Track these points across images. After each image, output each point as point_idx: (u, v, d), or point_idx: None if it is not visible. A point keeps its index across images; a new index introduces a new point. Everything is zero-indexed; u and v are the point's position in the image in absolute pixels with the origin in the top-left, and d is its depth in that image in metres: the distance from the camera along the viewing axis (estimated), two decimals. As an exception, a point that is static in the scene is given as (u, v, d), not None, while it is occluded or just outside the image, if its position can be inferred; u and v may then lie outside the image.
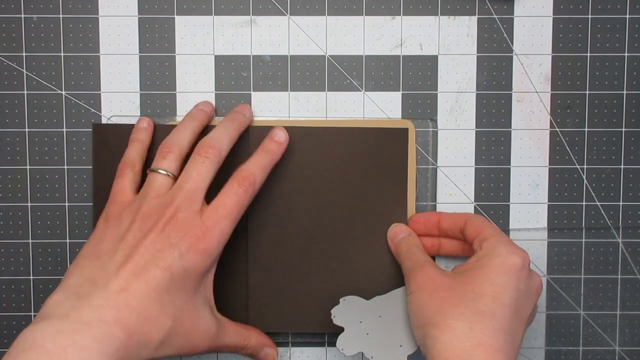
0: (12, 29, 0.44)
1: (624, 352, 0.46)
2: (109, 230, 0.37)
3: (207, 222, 0.37)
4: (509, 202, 0.45)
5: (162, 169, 0.39)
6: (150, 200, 0.38)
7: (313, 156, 0.43)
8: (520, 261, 0.37)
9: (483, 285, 0.36)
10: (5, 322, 0.45)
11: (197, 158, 0.38)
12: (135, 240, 0.36)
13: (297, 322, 0.44)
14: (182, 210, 0.37)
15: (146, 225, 0.37)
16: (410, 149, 0.44)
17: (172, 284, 0.36)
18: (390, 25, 0.44)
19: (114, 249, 0.36)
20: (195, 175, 0.38)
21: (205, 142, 0.39)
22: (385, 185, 0.44)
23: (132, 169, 0.41)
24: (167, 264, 0.35)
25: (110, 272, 0.35)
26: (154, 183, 0.39)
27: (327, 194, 0.44)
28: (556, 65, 0.45)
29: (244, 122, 0.42)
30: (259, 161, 0.40)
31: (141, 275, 0.35)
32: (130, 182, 0.40)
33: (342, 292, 0.43)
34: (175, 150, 0.39)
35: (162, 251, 0.36)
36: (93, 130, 0.44)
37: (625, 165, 0.45)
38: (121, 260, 0.35)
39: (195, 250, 0.36)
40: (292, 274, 0.44)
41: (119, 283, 0.34)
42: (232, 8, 0.44)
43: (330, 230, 0.44)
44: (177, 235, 0.36)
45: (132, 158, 0.41)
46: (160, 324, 0.35)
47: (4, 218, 0.45)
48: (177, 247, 0.36)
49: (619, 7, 0.44)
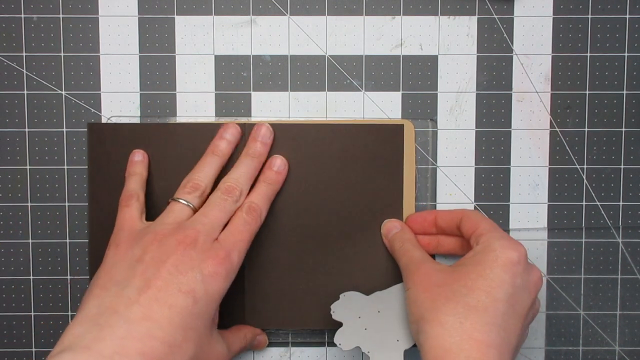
0: (12, 29, 0.44)
1: (624, 352, 0.46)
2: (122, 255, 0.37)
3: (226, 246, 0.37)
4: (509, 202, 0.45)
5: (185, 199, 0.39)
6: (169, 224, 0.38)
7: (309, 153, 0.43)
8: (516, 255, 0.37)
9: (477, 280, 0.36)
10: (5, 322, 0.45)
11: (220, 196, 0.39)
12: (154, 262, 0.35)
13: (293, 319, 0.44)
14: (202, 235, 0.37)
15: (165, 247, 0.36)
16: (409, 148, 0.44)
17: (195, 308, 0.35)
18: (390, 25, 0.44)
19: (132, 274, 0.35)
20: (217, 212, 0.38)
21: (228, 184, 0.40)
22: (382, 182, 0.44)
23: (137, 199, 0.40)
24: (190, 287, 0.35)
25: (131, 298, 0.34)
26: (174, 209, 0.39)
27: (324, 191, 0.44)
28: (556, 65, 0.45)
29: (264, 153, 0.42)
30: (262, 192, 0.41)
31: (164, 301, 0.34)
32: (137, 211, 0.40)
33: (339, 289, 0.43)
34: (200, 188, 0.40)
35: (185, 274, 0.35)
36: (88, 130, 0.44)
37: (625, 165, 0.45)
38: (141, 284, 0.35)
39: (217, 274, 0.36)
40: (288, 271, 0.44)
41: (141, 310, 0.34)
42: (232, 8, 0.44)
43: (326, 227, 0.44)
44: (199, 258, 0.36)
45: (134, 189, 0.41)
46: (183, 350, 0.34)
47: (4, 218, 0.45)
48: (200, 271, 0.36)
49: (619, 7, 0.44)
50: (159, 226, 0.37)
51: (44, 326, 0.45)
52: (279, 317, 0.44)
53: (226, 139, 0.42)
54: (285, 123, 0.44)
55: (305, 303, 0.44)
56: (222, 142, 0.42)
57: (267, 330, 0.45)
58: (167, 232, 0.37)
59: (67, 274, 0.45)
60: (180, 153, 0.43)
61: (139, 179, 0.42)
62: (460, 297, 0.35)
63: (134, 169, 0.42)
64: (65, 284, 0.45)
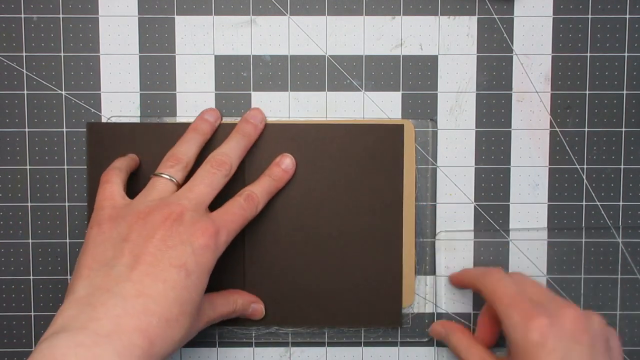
0: (12, 29, 0.44)
1: (624, 352, 0.46)
2: (106, 234, 0.36)
3: (217, 222, 0.37)
4: (509, 202, 0.45)
5: (167, 174, 0.38)
6: (152, 200, 0.37)
7: (309, 153, 0.43)
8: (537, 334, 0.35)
9: None
10: (5, 322, 0.45)
11: (208, 169, 0.38)
12: (142, 240, 0.35)
13: (293, 318, 0.44)
14: (189, 210, 0.36)
15: (151, 224, 0.35)
16: (409, 148, 0.44)
17: (187, 281, 0.35)
18: (390, 25, 0.44)
19: (119, 253, 0.34)
20: (203, 186, 0.38)
21: (217, 156, 0.39)
22: (381, 182, 0.44)
23: (118, 175, 0.39)
24: (181, 261, 0.35)
25: (122, 276, 0.34)
26: (157, 185, 0.38)
27: (323, 191, 0.44)
28: (556, 65, 0.45)
29: (254, 135, 0.42)
30: (264, 185, 0.41)
31: (156, 276, 0.34)
32: (119, 186, 0.39)
33: (338, 288, 0.43)
34: (182, 161, 0.39)
35: (174, 248, 0.35)
36: (87, 129, 0.44)
37: (625, 165, 0.45)
38: (130, 262, 0.34)
39: (207, 246, 0.36)
40: (288, 270, 0.44)
41: (134, 287, 0.33)
42: (232, 8, 0.44)
43: (326, 226, 0.44)
44: (188, 232, 0.35)
45: (117, 166, 0.40)
46: (180, 323, 0.34)
47: (4, 218, 0.45)
48: (190, 244, 0.35)
49: (619, 7, 0.44)
50: (142, 203, 0.37)
51: (44, 326, 0.45)
52: (277, 316, 0.44)
53: (207, 120, 0.42)
54: (285, 123, 0.44)
55: (304, 302, 0.44)
56: (203, 122, 0.42)
57: (266, 330, 0.45)
58: (151, 208, 0.36)
59: (67, 274, 0.45)
60: None
61: (124, 161, 0.41)
62: None
63: (124, 157, 0.42)
64: (65, 284, 0.45)
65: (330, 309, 0.44)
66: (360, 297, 0.44)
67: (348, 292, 0.44)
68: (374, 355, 0.45)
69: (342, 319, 0.44)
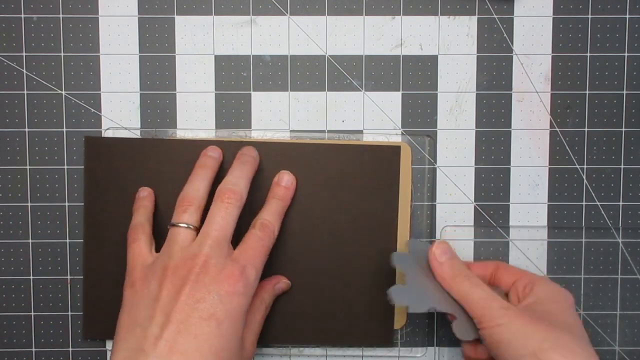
0: (12, 29, 0.44)
1: (624, 352, 0.46)
2: (139, 295, 0.37)
3: (241, 262, 0.37)
4: (509, 202, 0.45)
5: (183, 222, 0.38)
6: (176, 254, 0.37)
7: (305, 172, 0.43)
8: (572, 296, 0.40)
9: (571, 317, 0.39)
10: (5, 322, 0.45)
11: (220, 204, 0.38)
12: (171, 297, 0.35)
13: (286, 336, 0.44)
14: (212, 257, 0.36)
15: (178, 279, 0.36)
16: (405, 169, 0.44)
17: (220, 330, 0.35)
18: (390, 25, 0.44)
19: (152, 312, 0.35)
20: (221, 220, 0.37)
21: (225, 188, 0.39)
22: (377, 203, 0.44)
23: (143, 231, 0.40)
24: (210, 312, 0.35)
25: (156, 335, 0.34)
26: (177, 237, 0.38)
27: (318, 210, 0.43)
28: (556, 65, 0.45)
29: (255, 164, 0.42)
30: (273, 208, 0.41)
31: (188, 332, 0.34)
32: (146, 244, 0.39)
33: (334, 307, 0.44)
34: (194, 202, 0.39)
35: (203, 300, 0.35)
36: (85, 143, 0.44)
37: (625, 165, 0.45)
38: (162, 320, 0.35)
39: (234, 292, 0.36)
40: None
41: (167, 345, 0.34)
42: (232, 8, 0.44)
43: (320, 245, 0.44)
44: (214, 280, 0.36)
45: (140, 222, 0.41)
46: None
47: (4, 218, 0.45)
48: (217, 293, 0.35)
49: (619, 7, 0.44)
50: (167, 258, 0.37)
51: (44, 326, 0.45)
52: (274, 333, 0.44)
53: (211, 156, 0.42)
54: (283, 142, 0.43)
55: (300, 320, 0.44)
56: (207, 158, 0.42)
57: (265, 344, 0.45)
58: (176, 263, 0.36)
59: (67, 274, 0.45)
60: (178, 168, 0.43)
61: (144, 211, 0.42)
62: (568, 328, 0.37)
63: (140, 203, 0.42)
64: (65, 284, 0.45)
65: (324, 327, 0.44)
66: (353, 317, 0.44)
67: (341, 311, 0.44)
68: (374, 355, 0.45)
69: (334, 337, 0.44)
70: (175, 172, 0.43)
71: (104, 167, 0.43)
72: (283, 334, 0.44)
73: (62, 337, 0.45)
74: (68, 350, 0.45)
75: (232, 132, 0.44)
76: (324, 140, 0.44)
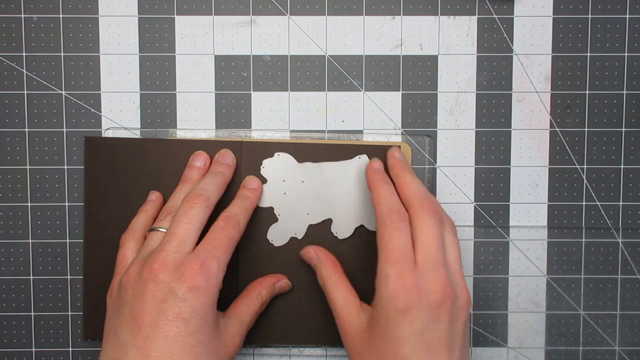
0: (12, 29, 0.44)
1: (624, 352, 0.46)
2: (115, 302, 0.37)
3: (200, 255, 0.36)
4: (509, 202, 0.45)
5: (160, 227, 0.39)
6: (143, 256, 0.37)
7: None
8: (403, 303, 0.36)
9: (384, 347, 0.36)
10: (5, 322, 0.45)
11: (186, 204, 0.38)
12: (136, 300, 0.35)
13: (289, 336, 0.44)
14: (171, 253, 0.36)
15: (142, 281, 0.36)
16: None
17: (189, 328, 0.35)
18: (390, 25, 0.44)
19: (122, 319, 0.35)
20: (185, 219, 0.37)
21: (193, 192, 0.39)
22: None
23: (132, 237, 0.40)
24: (175, 312, 0.35)
25: (128, 343, 0.34)
26: (149, 240, 0.38)
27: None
28: (556, 65, 0.45)
29: (228, 171, 0.42)
30: (239, 204, 0.41)
31: (157, 335, 0.34)
32: (131, 250, 0.40)
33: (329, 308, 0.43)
34: (173, 210, 0.39)
35: (165, 301, 0.35)
36: (85, 143, 0.44)
37: (625, 165, 0.45)
38: (132, 327, 0.35)
39: (196, 286, 0.35)
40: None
41: (139, 352, 0.34)
42: (232, 8, 0.44)
43: (322, 245, 0.43)
44: (174, 277, 0.35)
45: (135, 226, 0.41)
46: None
47: (4, 218, 0.45)
48: (178, 290, 0.35)
49: (619, 7, 0.44)
50: (133, 262, 0.37)
51: (44, 326, 0.45)
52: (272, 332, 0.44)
53: (195, 166, 0.42)
54: (282, 142, 0.43)
55: (299, 319, 0.44)
56: (192, 170, 0.42)
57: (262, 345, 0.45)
58: (139, 265, 0.37)
59: (67, 274, 0.45)
60: (177, 168, 0.43)
61: (143, 216, 0.42)
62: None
63: (144, 207, 0.42)
64: (65, 284, 0.45)
65: (324, 327, 0.44)
66: None
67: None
68: (374, 355, 0.45)
69: (334, 337, 0.44)
70: (175, 172, 0.43)
71: (104, 167, 0.43)
72: (283, 334, 0.44)
73: (62, 337, 0.45)
74: (68, 350, 0.45)
75: (232, 132, 0.44)
76: (324, 140, 0.44)
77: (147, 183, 0.43)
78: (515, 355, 0.46)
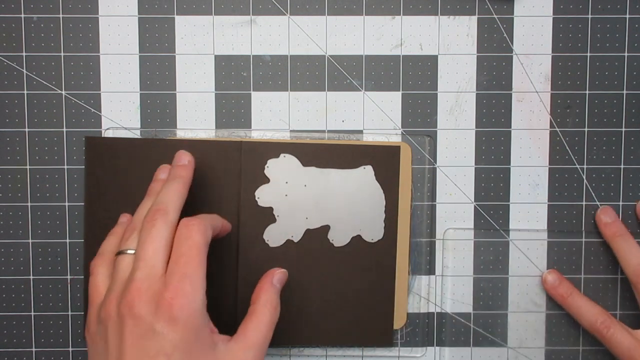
0: (12, 29, 0.44)
1: (624, 352, 0.46)
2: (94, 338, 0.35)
3: (172, 280, 0.34)
4: (509, 202, 0.45)
5: (128, 248, 0.37)
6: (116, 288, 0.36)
7: None
8: None
9: None
10: (5, 322, 0.45)
11: (146, 224, 0.36)
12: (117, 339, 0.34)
13: (286, 337, 0.44)
14: (144, 281, 0.34)
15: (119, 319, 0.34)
16: (405, 170, 0.44)
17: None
18: (390, 25, 0.44)
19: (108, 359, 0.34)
20: (149, 240, 0.35)
21: (150, 208, 0.37)
22: None
23: (104, 261, 0.38)
24: (156, 349, 0.33)
25: None
26: (119, 266, 0.36)
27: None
28: (556, 65, 0.45)
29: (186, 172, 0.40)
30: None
31: None
32: (103, 276, 0.38)
33: (334, 307, 0.44)
34: (138, 226, 0.37)
35: (145, 337, 0.33)
36: (85, 143, 0.44)
37: (625, 165, 0.45)
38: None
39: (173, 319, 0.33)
40: (281, 290, 0.44)
41: None
42: (232, 8, 0.44)
43: (319, 246, 0.44)
44: (149, 312, 0.34)
45: (105, 250, 0.39)
46: None
47: (4, 218, 0.45)
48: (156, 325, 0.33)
49: (619, 7, 0.44)
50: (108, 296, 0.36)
51: (44, 326, 0.45)
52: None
53: (160, 179, 0.41)
54: (282, 142, 0.43)
55: (298, 321, 0.44)
56: (156, 184, 0.40)
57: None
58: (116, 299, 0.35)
59: (67, 274, 0.45)
60: None
61: (114, 240, 0.40)
62: None
63: (115, 229, 0.41)
64: (65, 284, 0.45)
65: (324, 327, 0.44)
66: (353, 317, 0.44)
67: (341, 311, 0.44)
68: (374, 355, 0.45)
69: (334, 337, 0.44)
70: None
71: (104, 167, 0.43)
72: (283, 334, 0.44)
73: (62, 337, 0.45)
74: (68, 350, 0.45)
75: (232, 132, 0.44)
76: (324, 140, 0.44)
77: (147, 183, 0.43)
78: (515, 355, 0.46)
